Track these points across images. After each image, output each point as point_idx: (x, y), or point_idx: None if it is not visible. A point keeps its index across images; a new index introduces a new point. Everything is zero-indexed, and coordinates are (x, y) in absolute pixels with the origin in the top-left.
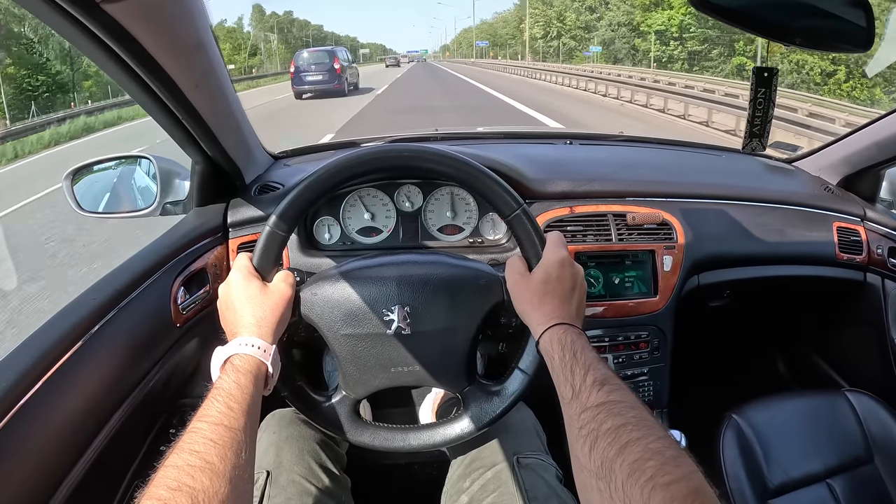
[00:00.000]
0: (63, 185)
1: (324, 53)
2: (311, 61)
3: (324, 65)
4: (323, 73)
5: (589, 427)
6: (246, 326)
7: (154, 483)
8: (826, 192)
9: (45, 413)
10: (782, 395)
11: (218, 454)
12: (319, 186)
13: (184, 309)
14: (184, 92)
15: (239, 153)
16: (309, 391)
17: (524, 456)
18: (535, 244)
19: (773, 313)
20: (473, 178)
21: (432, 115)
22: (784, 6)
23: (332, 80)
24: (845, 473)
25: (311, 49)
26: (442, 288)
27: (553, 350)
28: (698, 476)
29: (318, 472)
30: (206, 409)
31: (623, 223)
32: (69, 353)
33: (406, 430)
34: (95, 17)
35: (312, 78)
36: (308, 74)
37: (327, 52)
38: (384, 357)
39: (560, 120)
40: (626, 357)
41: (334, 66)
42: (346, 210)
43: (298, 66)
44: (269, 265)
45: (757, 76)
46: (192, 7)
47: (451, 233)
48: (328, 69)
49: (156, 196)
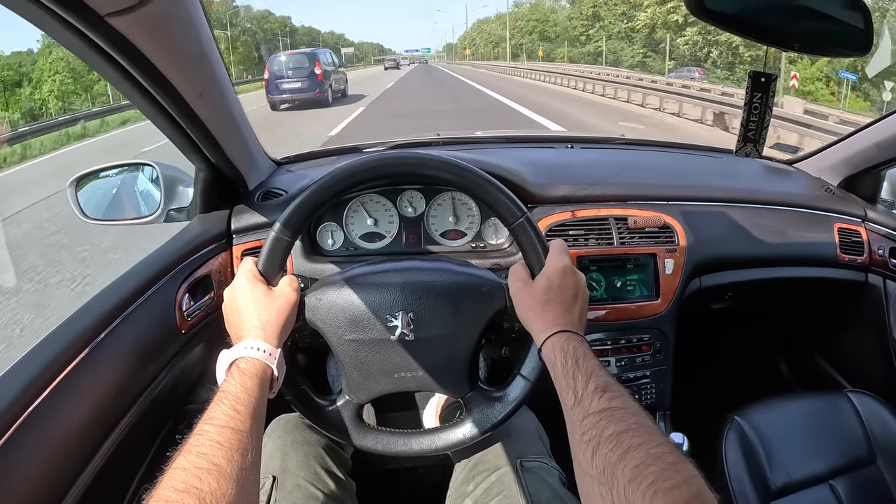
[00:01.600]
0: (67, 192)
1: (303, 57)
2: (289, 66)
3: (303, 70)
4: (302, 79)
5: (591, 433)
6: (251, 330)
7: (161, 485)
8: (827, 194)
9: (52, 421)
10: (784, 396)
11: (225, 456)
12: (324, 193)
13: (188, 315)
14: (187, 101)
15: (242, 160)
16: (313, 395)
17: (528, 460)
18: (537, 252)
19: (774, 315)
20: (476, 185)
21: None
22: (782, 11)
23: (313, 88)
24: (848, 474)
25: (288, 52)
26: (445, 294)
27: (555, 357)
28: (699, 481)
29: (323, 477)
30: (212, 412)
31: (624, 227)
32: (75, 361)
33: (409, 434)
34: (100, 29)
35: (289, 85)
36: (284, 81)
37: (307, 54)
38: (387, 362)
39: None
40: (628, 360)
41: (315, 72)
42: (349, 216)
43: (274, 72)
44: (274, 270)
45: (753, 80)
46: (195, 18)
47: (454, 238)
48: (308, 75)
49: (160, 203)
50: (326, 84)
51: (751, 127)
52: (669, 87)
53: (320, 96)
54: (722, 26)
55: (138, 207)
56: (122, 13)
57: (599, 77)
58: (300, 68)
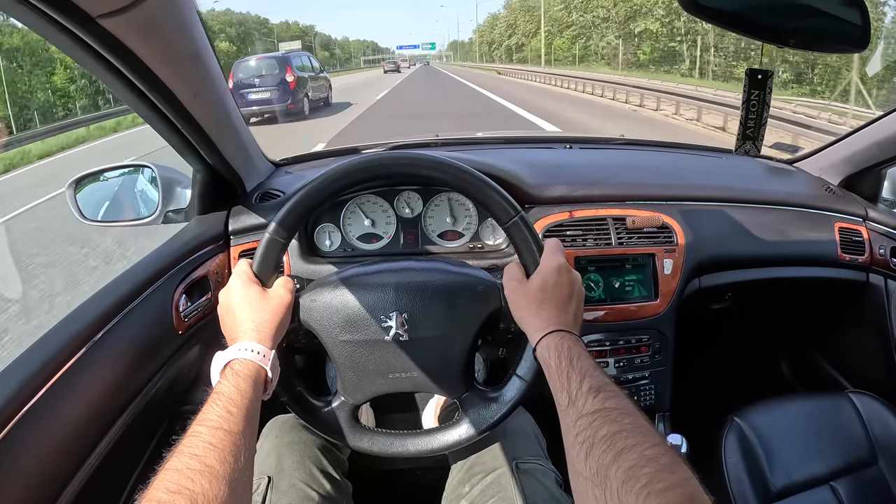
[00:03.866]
0: (66, 193)
1: (272, 62)
2: (255, 73)
3: (272, 77)
4: (271, 88)
5: (585, 434)
6: (245, 332)
7: (154, 486)
8: (827, 193)
9: (49, 419)
10: (785, 397)
11: (217, 458)
12: (319, 194)
13: (185, 316)
14: (182, 101)
15: (239, 161)
16: (308, 396)
17: (523, 461)
18: (532, 251)
19: (775, 315)
20: (471, 185)
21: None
22: (777, 7)
23: (285, 99)
24: (849, 476)
25: (257, 56)
26: (440, 295)
27: (550, 357)
28: (693, 483)
29: (319, 478)
30: (205, 414)
31: (623, 227)
32: (73, 359)
33: (405, 435)
34: (91, 31)
35: (257, 96)
36: (251, 92)
37: (277, 59)
38: (382, 363)
39: None
40: (627, 361)
41: (286, 79)
42: (347, 217)
43: (239, 80)
44: (269, 271)
45: (750, 78)
46: (188, 17)
47: (451, 238)
48: (278, 83)
49: (158, 204)
50: (301, 94)
51: (749, 124)
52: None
53: (293, 107)
54: (717, 23)
55: (137, 209)
56: (113, 14)
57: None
58: (269, 75)
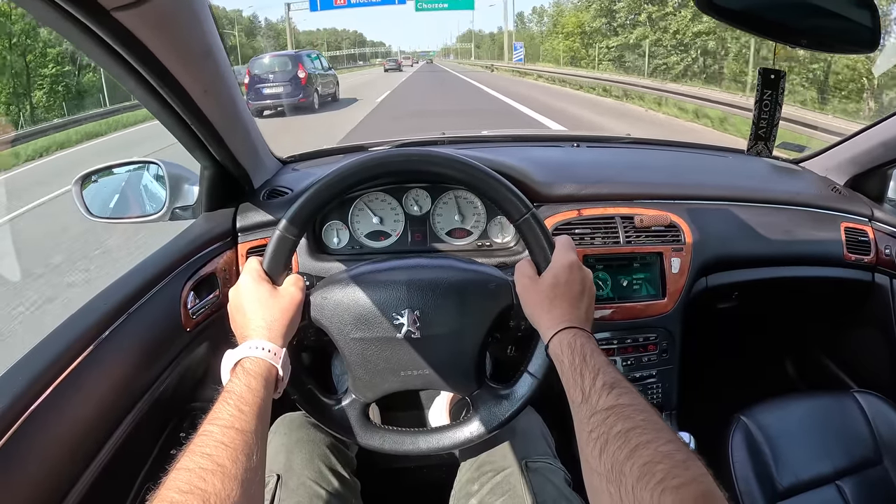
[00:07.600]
0: (72, 190)
1: (285, 59)
2: (270, 69)
3: (285, 73)
4: (284, 83)
5: (599, 430)
6: (256, 330)
7: (165, 486)
8: (833, 193)
9: (57, 417)
10: (791, 396)
11: (229, 457)
12: (329, 191)
13: (193, 313)
14: (192, 97)
15: (247, 158)
16: (319, 394)
17: (533, 460)
18: (544, 248)
19: (781, 314)
20: (482, 182)
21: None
22: (789, 8)
23: (296, 93)
24: (854, 475)
25: (272, 53)
26: (452, 292)
27: (563, 354)
28: (708, 479)
29: (327, 476)
30: (216, 413)
31: (631, 225)
32: (80, 357)
33: (415, 433)
34: (105, 24)
35: (271, 90)
36: (266, 86)
37: (290, 57)
38: (394, 361)
39: None
40: (634, 359)
41: (298, 75)
42: (355, 214)
43: (255, 76)
44: (279, 269)
45: (763, 78)
46: (201, 14)
47: (460, 236)
48: (290, 79)
49: (165, 201)
50: (311, 88)
51: (762, 125)
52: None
53: (304, 101)
54: (730, 22)
55: (143, 205)
56: (128, 7)
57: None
58: (282, 72)
